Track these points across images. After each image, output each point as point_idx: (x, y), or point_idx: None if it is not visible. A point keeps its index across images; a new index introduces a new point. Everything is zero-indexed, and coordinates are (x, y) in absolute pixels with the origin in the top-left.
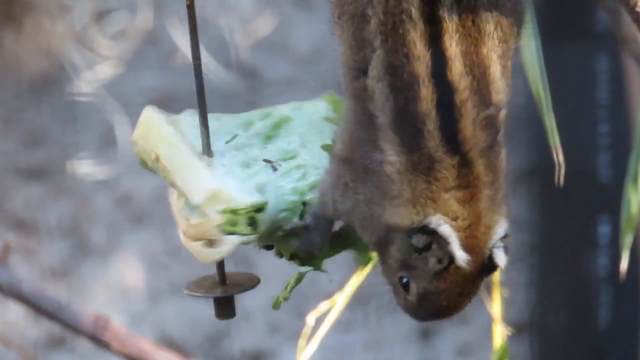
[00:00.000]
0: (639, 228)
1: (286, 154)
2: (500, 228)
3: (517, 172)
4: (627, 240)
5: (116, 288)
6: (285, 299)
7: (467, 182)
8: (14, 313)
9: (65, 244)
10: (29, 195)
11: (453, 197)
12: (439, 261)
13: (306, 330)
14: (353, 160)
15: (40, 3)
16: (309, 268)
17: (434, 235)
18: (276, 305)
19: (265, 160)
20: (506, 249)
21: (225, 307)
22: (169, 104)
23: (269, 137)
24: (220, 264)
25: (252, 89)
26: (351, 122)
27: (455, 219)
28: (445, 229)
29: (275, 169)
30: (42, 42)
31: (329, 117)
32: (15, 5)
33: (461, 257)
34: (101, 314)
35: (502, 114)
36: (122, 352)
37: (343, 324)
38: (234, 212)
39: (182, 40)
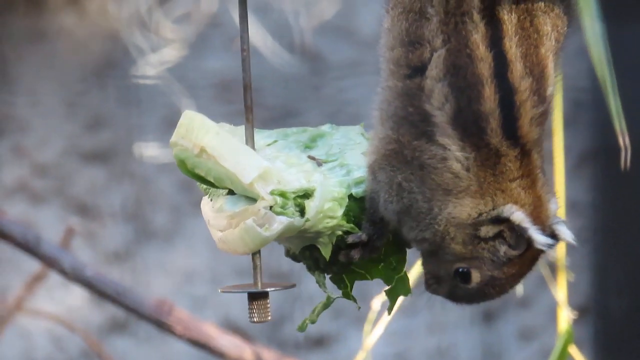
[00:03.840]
0: None
1: (328, 156)
2: (554, 204)
3: (580, 155)
4: None
5: (179, 272)
6: (313, 322)
7: (526, 171)
8: (78, 297)
9: (128, 227)
10: (93, 179)
11: (518, 185)
12: (512, 247)
13: (372, 315)
14: (404, 159)
15: None
16: (339, 293)
17: (506, 224)
18: (302, 328)
19: (310, 157)
20: (565, 222)
21: (260, 307)
22: (232, 87)
23: (307, 146)
24: (257, 260)
25: (316, 72)
26: (397, 122)
27: (523, 205)
28: (519, 215)
29: (320, 165)
30: (106, 25)
31: (365, 135)
32: None
33: (543, 240)
34: (165, 298)
35: (552, 105)
36: (186, 336)
37: (407, 309)
38: (283, 194)
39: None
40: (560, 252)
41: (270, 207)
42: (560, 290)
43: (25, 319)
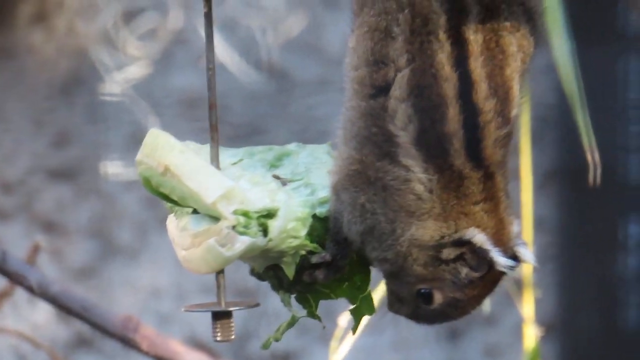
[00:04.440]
0: None
1: (293, 175)
2: (516, 226)
3: (546, 173)
4: None
5: (145, 289)
6: (277, 339)
7: (490, 194)
8: (44, 313)
9: (94, 244)
10: (59, 196)
11: (481, 209)
12: (474, 269)
13: (338, 332)
14: (367, 179)
15: (71, 3)
16: (304, 313)
17: (467, 247)
18: (266, 345)
19: (274, 176)
20: (526, 244)
21: (224, 326)
22: (198, 104)
23: (273, 165)
24: (220, 278)
25: (283, 89)
26: (361, 142)
27: (485, 228)
28: (480, 238)
29: (284, 184)
30: (73, 42)
31: (332, 154)
32: (46, 6)
33: (503, 262)
34: (131, 314)
35: (516, 127)
36: (152, 352)
37: (373, 326)
38: (246, 214)
39: None
40: (526, 269)
41: (233, 227)
42: (527, 307)
43: None
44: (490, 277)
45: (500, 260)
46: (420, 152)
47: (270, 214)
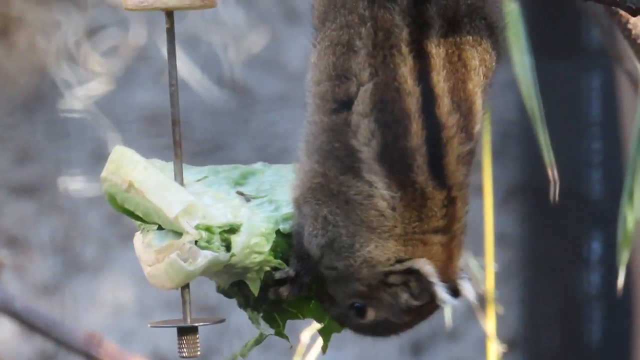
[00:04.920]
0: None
1: (258, 192)
2: (463, 260)
3: (508, 189)
4: (624, 257)
5: (108, 305)
6: (243, 356)
7: (449, 223)
8: (6, 330)
9: (56, 260)
10: (21, 212)
11: (439, 241)
12: (415, 298)
13: (301, 348)
14: (330, 192)
15: (32, 20)
16: (271, 331)
17: (414, 275)
18: None
19: (238, 192)
20: (469, 279)
21: (190, 342)
22: (160, 121)
23: (238, 183)
24: (186, 294)
25: (245, 105)
26: (323, 156)
27: (436, 261)
28: (429, 270)
29: (248, 200)
30: (34, 58)
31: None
32: (7, 22)
33: (445, 298)
34: (94, 331)
35: (479, 143)
36: None
37: (336, 341)
38: (208, 229)
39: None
40: (489, 284)
41: (196, 242)
42: (490, 323)
43: None
44: (427, 307)
45: (443, 295)
46: (383, 167)
47: (233, 229)
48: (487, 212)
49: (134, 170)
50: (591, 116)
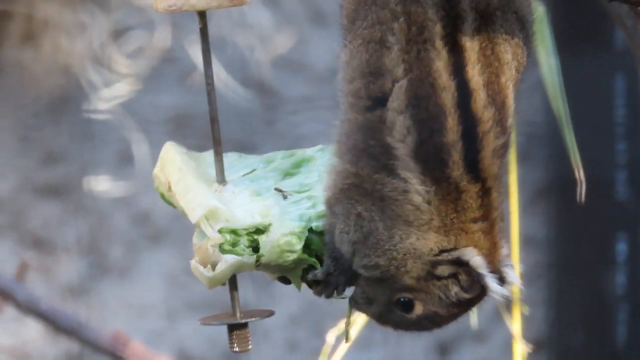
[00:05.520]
0: None
1: (301, 187)
2: (506, 249)
3: (535, 190)
4: None
5: (134, 306)
6: (348, 325)
7: (487, 212)
8: (33, 331)
9: (83, 262)
10: (47, 214)
11: (479, 228)
12: (465, 291)
13: (326, 348)
14: (364, 191)
15: (59, 22)
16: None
17: (463, 267)
18: (348, 338)
19: (276, 189)
20: (513, 267)
21: (240, 337)
22: (186, 123)
23: (288, 174)
24: (233, 290)
25: (270, 107)
26: (357, 155)
27: (481, 249)
28: (478, 261)
29: (285, 197)
30: (60, 60)
31: None
32: (33, 24)
33: (497, 290)
34: (120, 331)
35: (511, 137)
36: None
37: (362, 342)
38: (233, 232)
39: (200, 59)
40: (515, 285)
41: (219, 246)
42: (516, 324)
43: None
44: (475, 299)
45: (495, 287)
46: (418, 164)
47: (260, 230)
48: (513, 213)
49: (172, 170)
50: (616, 117)
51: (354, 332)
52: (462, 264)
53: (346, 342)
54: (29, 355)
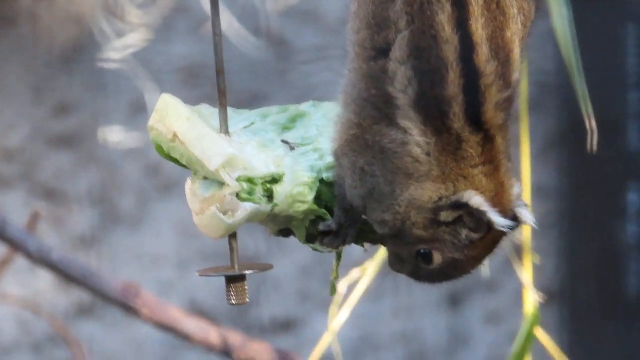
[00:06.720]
0: None
1: (303, 140)
2: (517, 188)
3: (546, 140)
4: None
5: (145, 256)
6: (335, 278)
7: (490, 157)
8: (43, 281)
9: (94, 212)
10: (59, 164)
11: (480, 172)
12: (473, 231)
13: (337, 298)
14: (365, 143)
15: None
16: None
17: (465, 209)
18: (333, 291)
19: (283, 141)
20: (526, 206)
21: (238, 289)
22: (198, 72)
23: (286, 128)
24: (233, 242)
25: (281, 56)
26: (360, 105)
27: (484, 191)
28: (477, 200)
29: (292, 149)
30: (73, 10)
31: None
32: None
33: (502, 222)
34: (131, 281)
35: (517, 91)
36: (152, 319)
37: (373, 292)
38: (250, 180)
39: None
40: (525, 234)
41: (237, 194)
42: (526, 274)
43: None
44: (490, 238)
45: (498, 220)
46: (418, 114)
47: (275, 179)
48: (524, 162)
49: (178, 120)
50: (628, 65)
51: (340, 287)
52: (463, 207)
53: (330, 295)
54: (40, 305)
